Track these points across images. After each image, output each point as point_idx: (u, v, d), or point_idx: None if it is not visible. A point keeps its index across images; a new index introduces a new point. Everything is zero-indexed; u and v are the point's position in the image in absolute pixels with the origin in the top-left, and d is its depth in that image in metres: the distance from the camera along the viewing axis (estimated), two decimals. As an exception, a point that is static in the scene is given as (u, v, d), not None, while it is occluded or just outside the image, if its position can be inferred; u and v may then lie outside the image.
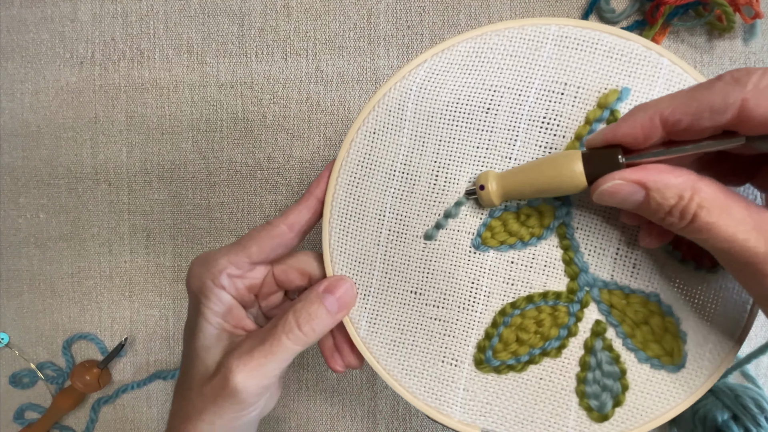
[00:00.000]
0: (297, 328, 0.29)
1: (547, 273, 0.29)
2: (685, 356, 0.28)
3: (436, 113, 0.29)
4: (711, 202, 0.22)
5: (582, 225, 0.28)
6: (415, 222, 0.30)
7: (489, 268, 0.29)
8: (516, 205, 0.29)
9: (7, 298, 0.50)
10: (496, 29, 0.29)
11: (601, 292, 0.29)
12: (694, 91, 0.22)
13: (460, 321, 0.30)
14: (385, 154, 0.30)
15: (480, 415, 0.30)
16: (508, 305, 0.29)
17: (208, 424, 0.30)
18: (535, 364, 0.29)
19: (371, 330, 0.31)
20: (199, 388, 0.30)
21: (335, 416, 0.48)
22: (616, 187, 0.23)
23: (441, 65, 0.30)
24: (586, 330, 0.29)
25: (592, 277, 0.29)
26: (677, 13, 0.42)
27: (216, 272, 0.31)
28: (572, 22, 0.29)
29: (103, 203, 0.48)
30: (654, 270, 0.28)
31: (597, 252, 0.28)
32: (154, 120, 0.48)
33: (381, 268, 0.30)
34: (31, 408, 0.49)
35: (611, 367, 0.28)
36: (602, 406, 0.29)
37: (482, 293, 0.29)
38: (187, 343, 0.32)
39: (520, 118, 0.29)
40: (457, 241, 0.29)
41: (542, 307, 0.29)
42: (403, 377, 0.31)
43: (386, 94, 0.30)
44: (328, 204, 0.31)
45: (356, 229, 0.31)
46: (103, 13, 0.48)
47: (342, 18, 0.46)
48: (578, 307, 0.29)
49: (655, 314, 0.28)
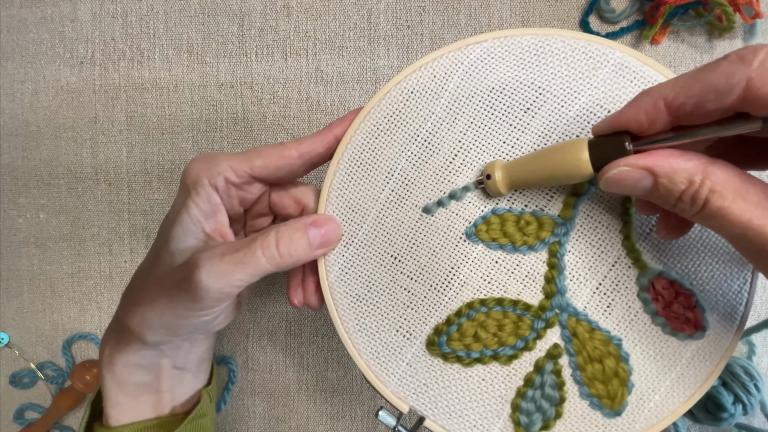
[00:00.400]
0: (275, 247, 0.28)
1: (525, 283, 0.29)
2: (624, 406, 0.28)
3: (477, 94, 0.29)
4: (723, 186, 0.21)
5: (575, 249, 0.29)
6: (419, 192, 0.30)
7: (473, 259, 0.29)
8: (521, 209, 0.29)
9: (7, 298, 0.50)
10: (562, 35, 0.29)
11: (569, 319, 0.29)
12: (698, 72, 0.21)
13: (427, 299, 0.30)
14: (415, 116, 0.30)
15: (414, 393, 0.30)
16: (478, 300, 0.29)
17: (157, 314, 0.29)
18: (483, 364, 0.29)
19: (341, 278, 0.31)
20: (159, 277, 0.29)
21: (335, 416, 0.48)
22: (623, 174, 0.23)
23: (498, 50, 0.29)
24: (542, 349, 0.29)
25: (566, 302, 0.29)
26: (677, 13, 0.42)
27: (214, 172, 0.30)
28: (636, 54, 0.28)
29: (103, 203, 0.48)
30: (626, 316, 0.28)
31: (579, 280, 0.29)
32: (154, 120, 0.48)
33: (371, 223, 0.30)
34: (31, 408, 0.49)
35: (553, 392, 0.29)
36: (531, 424, 0.29)
37: (458, 281, 0.29)
38: (162, 233, 0.31)
39: (554, 129, 0.29)
40: (452, 224, 0.29)
41: (509, 313, 0.29)
42: (355, 333, 0.31)
43: (436, 59, 0.30)
44: (343, 145, 0.31)
45: (361, 178, 0.30)
46: (103, 13, 0.48)
47: (342, 18, 0.46)
48: (543, 325, 0.29)
49: (612, 356, 0.28)
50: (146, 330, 0.30)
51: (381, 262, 0.30)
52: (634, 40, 0.44)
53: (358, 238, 0.31)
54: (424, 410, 0.30)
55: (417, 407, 0.30)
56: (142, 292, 0.30)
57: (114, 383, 0.32)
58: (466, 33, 0.45)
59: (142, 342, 0.31)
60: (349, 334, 0.31)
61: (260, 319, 0.47)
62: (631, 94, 0.28)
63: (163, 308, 0.29)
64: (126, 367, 0.32)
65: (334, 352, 0.47)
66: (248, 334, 0.48)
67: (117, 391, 0.33)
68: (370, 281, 0.30)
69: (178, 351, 0.33)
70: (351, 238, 0.31)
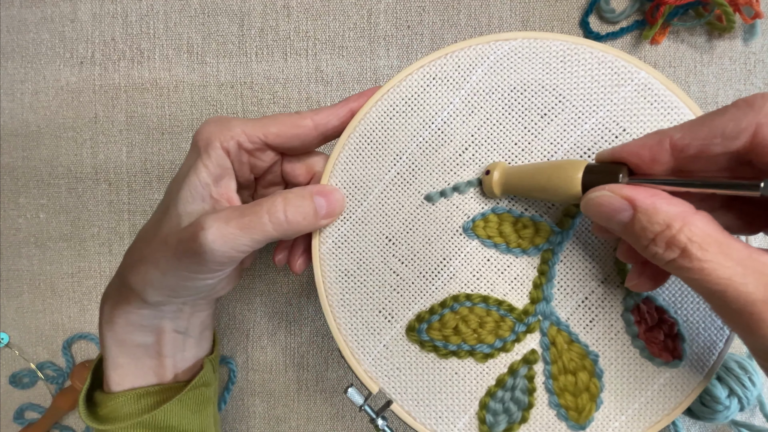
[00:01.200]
0: (282, 213, 0.28)
1: (513, 285, 0.29)
2: (590, 421, 0.28)
3: (498, 91, 0.29)
4: (704, 238, 0.20)
5: (567, 260, 0.29)
6: (424, 179, 0.30)
7: (466, 254, 0.29)
8: (520, 212, 0.29)
9: (7, 298, 0.50)
10: (592, 46, 0.29)
11: (551, 327, 0.29)
12: (706, 116, 0.21)
13: (414, 285, 0.30)
14: (433, 102, 0.30)
15: (386, 375, 0.30)
16: (464, 294, 0.29)
17: (160, 273, 0.29)
18: (459, 358, 0.29)
19: (333, 251, 0.31)
20: (164, 237, 0.29)
21: (335, 416, 0.48)
22: (604, 199, 0.22)
23: (526, 50, 0.29)
24: (519, 353, 0.29)
25: (551, 310, 0.29)
26: (677, 13, 0.42)
27: (227, 135, 0.29)
28: (661, 78, 0.28)
29: (103, 203, 0.48)
30: (607, 334, 0.29)
31: (567, 291, 0.29)
32: (154, 120, 0.48)
33: (372, 202, 0.30)
34: (31, 408, 0.49)
35: (522, 396, 0.29)
36: (495, 424, 0.29)
37: (447, 272, 0.30)
38: (169, 192, 0.31)
39: (567, 139, 0.29)
40: (451, 216, 0.30)
41: (492, 312, 0.29)
42: (338, 307, 0.31)
43: (463, 50, 0.30)
44: (357, 120, 0.30)
45: (369, 156, 0.30)
46: (103, 13, 0.48)
47: (342, 18, 0.46)
48: (524, 329, 0.29)
49: (586, 370, 0.28)
50: (148, 288, 0.30)
51: (375, 242, 0.30)
52: (634, 40, 0.44)
53: (357, 214, 0.31)
54: (393, 394, 0.30)
55: (387, 390, 0.30)
56: (146, 250, 0.30)
57: (114, 342, 0.32)
58: (466, 33, 0.45)
59: (143, 301, 0.30)
60: (332, 307, 0.31)
61: (260, 319, 0.47)
62: (649, 116, 0.28)
63: (166, 268, 0.29)
64: (127, 326, 0.32)
65: (334, 352, 0.47)
66: (248, 334, 0.48)
67: (118, 352, 0.32)
68: (361, 259, 0.30)
69: (180, 314, 0.33)
70: (349, 213, 0.31)
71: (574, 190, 0.24)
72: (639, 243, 0.22)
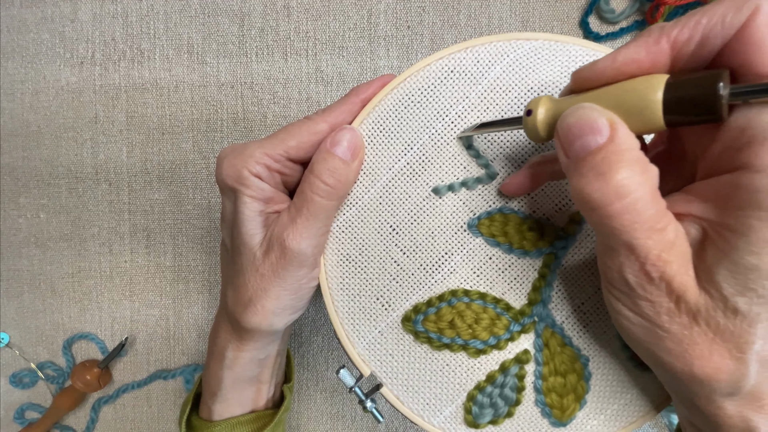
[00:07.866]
0: (322, 184, 0.28)
1: (512, 285, 0.29)
2: (572, 419, 0.29)
3: (515, 90, 0.29)
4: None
5: (568, 265, 0.29)
6: (433, 171, 0.30)
7: (468, 250, 0.29)
8: (528, 214, 0.29)
9: (7, 298, 0.50)
10: None
11: (545, 330, 0.29)
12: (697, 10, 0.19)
13: (414, 277, 0.30)
14: (449, 95, 0.29)
15: (378, 360, 0.30)
16: (462, 289, 0.29)
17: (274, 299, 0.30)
18: (451, 351, 0.30)
19: (337, 235, 0.31)
20: (254, 272, 0.30)
21: (335, 416, 0.48)
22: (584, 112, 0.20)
23: (546, 52, 0.29)
24: (512, 351, 0.29)
25: (547, 313, 0.29)
26: (677, 13, 0.42)
27: (251, 162, 0.29)
28: None
29: (104, 203, 0.48)
30: (599, 340, 0.29)
31: (565, 295, 0.29)
32: (154, 120, 0.48)
33: (379, 190, 0.30)
34: (32, 408, 0.49)
35: (511, 393, 0.29)
36: (480, 416, 0.29)
37: (448, 266, 0.30)
38: (233, 236, 0.31)
39: None
40: (457, 211, 0.29)
41: (489, 309, 0.29)
42: (337, 290, 0.31)
43: (484, 45, 0.29)
44: (370, 107, 0.30)
45: (380, 143, 0.30)
46: (103, 13, 0.48)
47: (342, 18, 0.46)
48: (518, 329, 0.29)
49: (575, 373, 0.29)
50: (273, 319, 0.30)
51: (379, 230, 0.30)
52: (633, 40, 0.44)
53: (363, 201, 0.30)
54: (383, 378, 0.30)
55: (378, 374, 0.30)
56: (248, 291, 0.30)
57: (232, 381, 0.34)
58: (466, 33, 0.45)
59: (270, 334, 0.32)
60: (331, 290, 0.31)
61: (260, 319, 0.47)
62: None
63: (278, 290, 0.29)
64: (248, 363, 0.33)
65: (334, 352, 0.47)
66: (248, 334, 0.48)
67: (231, 389, 0.34)
68: (364, 245, 0.31)
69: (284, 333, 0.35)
70: (356, 199, 0.30)
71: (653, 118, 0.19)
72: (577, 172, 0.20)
